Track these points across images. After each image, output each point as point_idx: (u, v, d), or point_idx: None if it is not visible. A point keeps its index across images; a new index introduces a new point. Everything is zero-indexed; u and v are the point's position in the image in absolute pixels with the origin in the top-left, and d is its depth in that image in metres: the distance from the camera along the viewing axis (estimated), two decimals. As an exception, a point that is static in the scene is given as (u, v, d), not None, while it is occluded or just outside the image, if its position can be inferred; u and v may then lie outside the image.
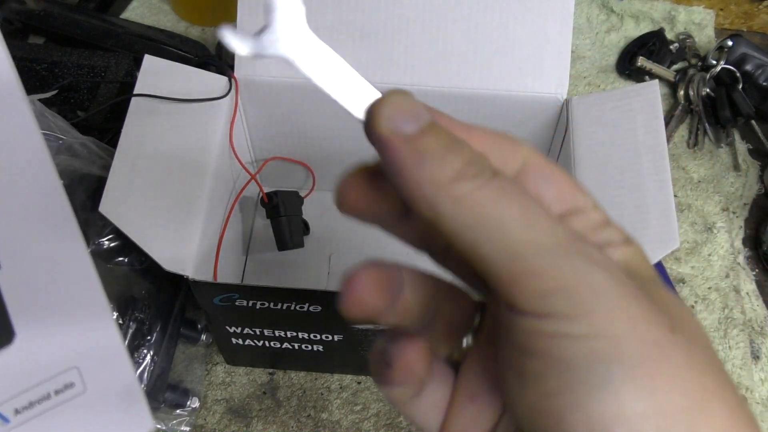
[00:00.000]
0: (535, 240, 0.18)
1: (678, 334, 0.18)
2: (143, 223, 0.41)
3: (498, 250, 0.18)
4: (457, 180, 0.18)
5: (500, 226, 0.18)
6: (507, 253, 0.18)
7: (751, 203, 0.63)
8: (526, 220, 0.18)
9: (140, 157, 0.43)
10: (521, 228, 0.18)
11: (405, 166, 0.18)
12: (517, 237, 0.18)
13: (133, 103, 0.45)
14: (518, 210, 0.18)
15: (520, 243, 0.18)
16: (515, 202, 0.18)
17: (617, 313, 0.17)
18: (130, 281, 0.47)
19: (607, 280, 0.18)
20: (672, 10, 0.73)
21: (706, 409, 0.17)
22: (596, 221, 0.21)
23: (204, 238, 0.43)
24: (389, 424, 0.51)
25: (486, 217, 0.18)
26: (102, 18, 0.67)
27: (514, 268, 0.18)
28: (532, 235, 0.18)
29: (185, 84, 0.46)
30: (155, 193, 0.42)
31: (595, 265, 0.18)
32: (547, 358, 0.18)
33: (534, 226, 0.18)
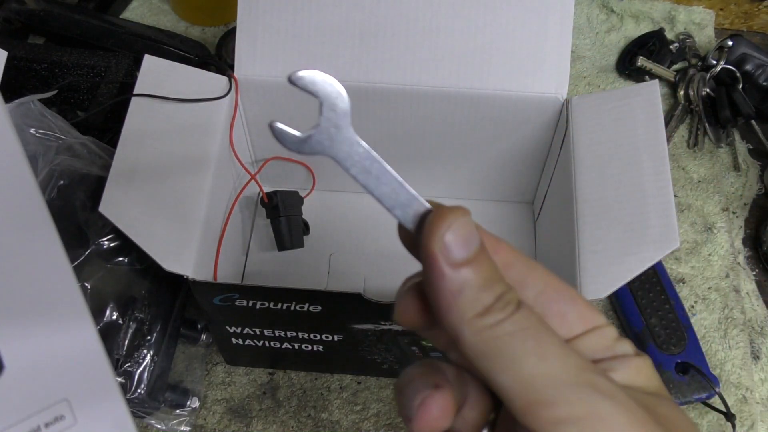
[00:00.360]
0: (548, 372, 0.19)
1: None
2: (143, 223, 0.41)
3: (513, 380, 0.20)
4: (483, 315, 0.20)
5: (516, 358, 0.20)
6: (521, 383, 0.19)
7: (751, 203, 0.63)
8: (541, 353, 0.20)
9: (140, 157, 0.43)
10: (535, 360, 0.20)
11: (441, 290, 0.20)
12: (531, 369, 0.19)
13: (133, 103, 0.45)
14: (533, 343, 0.20)
15: (533, 375, 0.19)
16: (531, 334, 0.20)
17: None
18: (130, 281, 0.47)
19: (615, 409, 0.19)
20: (672, 10, 0.73)
21: None
22: (613, 336, 0.23)
23: (204, 238, 0.43)
24: (389, 424, 0.51)
25: (503, 349, 0.20)
26: (102, 18, 0.67)
27: (528, 397, 0.19)
28: (545, 368, 0.20)
29: (185, 84, 0.46)
30: (155, 193, 0.42)
31: (604, 395, 0.19)
32: None
33: (547, 358, 0.20)
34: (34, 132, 0.47)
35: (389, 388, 0.52)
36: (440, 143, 0.53)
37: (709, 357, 0.54)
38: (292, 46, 0.48)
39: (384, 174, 0.21)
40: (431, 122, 0.51)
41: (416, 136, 0.52)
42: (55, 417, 0.22)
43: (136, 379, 0.46)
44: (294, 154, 0.22)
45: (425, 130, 0.51)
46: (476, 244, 0.21)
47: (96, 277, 0.46)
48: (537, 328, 0.20)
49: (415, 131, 0.52)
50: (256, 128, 0.53)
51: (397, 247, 0.23)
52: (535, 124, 0.50)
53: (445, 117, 0.50)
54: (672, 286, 0.56)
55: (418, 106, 0.50)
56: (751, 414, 0.52)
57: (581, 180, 0.44)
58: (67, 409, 0.22)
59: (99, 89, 0.59)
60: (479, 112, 0.50)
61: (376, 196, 0.21)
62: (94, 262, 0.46)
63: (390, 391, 0.52)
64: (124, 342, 0.46)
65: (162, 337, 0.48)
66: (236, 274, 0.55)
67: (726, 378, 0.54)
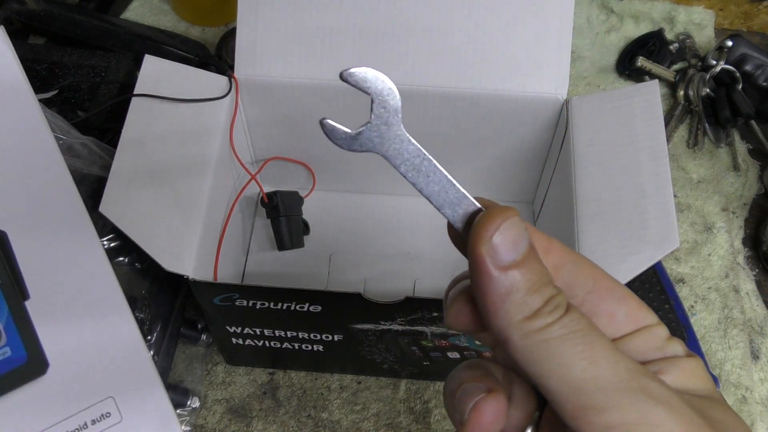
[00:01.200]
0: (598, 377, 0.19)
1: None
2: (143, 223, 0.41)
3: (562, 385, 0.19)
4: (531, 318, 0.20)
5: (565, 362, 0.19)
6: (571, 388, 0.19)
7: (751, 203, 0.63)
8: (591, 357, 0.19)
9: (140, 157, 0.43)
10: (585, 364, 0.19)
11: (489, 293, 0.20)
12: (582, 374, 0.19)
13: (133, 103, 0.45)
14: (583, 346, 0.19)
15: (584, 380, 0.19)
16: (581, 338, 0.20)
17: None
18: (130, 281, 0.47)
19: (669, 415, 0.19)
20: (672, 11, 0.73)
21: None
22: (663, 336, 0.22)
23: (204, 238, 0.43)
24: (389, 424, 0.51)
25: (552, 353, 0.19)
26: (102, 18, 0.67)
27: (578, 402, 0.19)
28: (596, 372, 0.19)
29: (185, 84, 0.46)
30: (155, 193, 0.42)
31: (657, 400, 0.19)
32: None
33: (598, 362, 0.19)
34: (35, 132, 0.47)
35: (389, 388, 0.52)
36: (440, 143, 0.53)
37: (709, 357, 0.54)
38: (292, 46, 0.48)
39: (434, 172, 0.21)
40: (431, 122, 0.51)
41: (416, 136, 0.52)
42: (102, 414, 0.22)
43: (136, 378, 0.46)
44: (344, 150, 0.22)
45: (425, 130, 0.51)
46: (525, 246, 0.20)
47: (96, 277, 0.46)
48: (587, 331, 0.20)
49: (415, 131, 0.52)
50: (256, 128, 0.53)
51: (397, 248, 0.23)
52: (535, 124, 0.50)
53: (445, 117, 0.50)
54: (672, 286, 0.56)
55: (418, 106, 0.50)
56: (750, 414, 0.52)
57: (581, 180, 0.44)
58: (113, 407, 0.22)
59: (99, 89, 0.59)
60: (479, 112, 0.50)
61: (426, 195, 0.21)
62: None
63: (390, 391, 0.52)
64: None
65: (162, 337, 0.48)
66: (236, 274, 0.55)
67: (726, 378, 0.54)
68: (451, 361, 0.48)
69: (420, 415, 0.51)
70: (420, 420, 0.51)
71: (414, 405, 0.52)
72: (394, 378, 0.53)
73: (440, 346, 0.46)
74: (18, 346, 0.21)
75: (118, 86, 0.59)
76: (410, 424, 0.51)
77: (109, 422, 0.22)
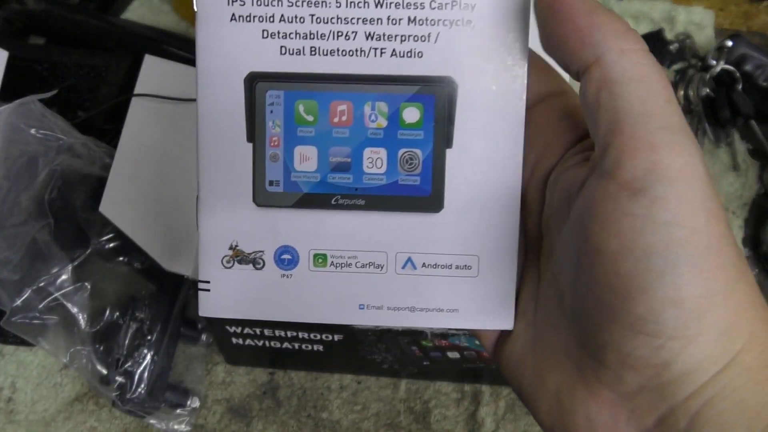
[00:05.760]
0: (670, 116, 0.20)
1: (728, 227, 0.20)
2: (143, 223, 0.41)
3: (636, 108, 0.20)
4: (625, 34, 0.20)
5: (650, 89, 0.20)
6: (643, 116, 0.20)
7: (751, 203, 0.63)
8: (668, 97, 0.20)
9: (140, 157, 0.43)
10: (664, 99, 0.20)
11: (578, 11, 0.20)
12: (658, 106, 0.20)
13: (133, 103, 0.45)
14: (663, 83, 0.20)
15: (658, 114, 0.20)
16: (662, 75, 0.20)
17: (700, 206, 0.19)
18: (130, 281, 0.47)
19: (700, 172, 0.19)
20: (672, 11, 0.73)
21: (736, 290, 0.20)
22: None
23: (204, 238, 0.43)
24: (389, 424, 0.51)
25: (643, 76, 0.20)
26: (102, 18, 0.67)
27: (639, 134, 0.19)
28: (669, 110, 0.20)
29: (185, 84, 0.47)
30: (155, 193, 0.42)
31: (700, 157, 0.20)
32: (629, 240, 0.19)
33: (672, 102, 0.20)
34: (35, 132, 0.47)
35: (389, 388, 0.52)
36: (440, 143, 0.53)
37: (709, 357, 0.54)
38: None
39: None
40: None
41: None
42: (465, 265, 0.26)
43: (136, 378, 0.46)
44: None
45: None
46: None
47: (96, 277, 0.46)
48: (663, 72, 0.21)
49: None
50: (256, 128, 0.53)
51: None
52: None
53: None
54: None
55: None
56: (750, 414, 0.52)
57: (581, 180, 0.44)
58: (475, 263, 0.26)
59: (99, 89, 0.59)
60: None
61: None
62: (94, 262, 0.46)
63: (390, 391, 0.52)
64: (124, 342, 0.46)
65: (162, 336, 0.48)
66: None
67: (726, 378, 0.54)
68: (451, 361, 0.48)
69: (420, 415, 0.51)
70: (420, 420, 0.51)
71: (414, 405, 0.52)
72: (394, 378, 0.53)
73: (440, 346, 0.47)
74: (427, 181, 0.25)
75: (118, 86, 0.59)
76: (410, 424, 0.51)
77: (468, 273, 0.26)
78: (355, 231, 0.26)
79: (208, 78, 0.25)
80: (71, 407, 0.51)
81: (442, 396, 0.52)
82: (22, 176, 0.46)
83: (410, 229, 0.26)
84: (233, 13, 0.24)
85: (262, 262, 0.26)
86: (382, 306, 0.26)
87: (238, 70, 0.25)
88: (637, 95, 0.20)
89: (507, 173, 0.25)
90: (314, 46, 0.25)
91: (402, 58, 0.25)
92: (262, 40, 0.25)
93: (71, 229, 0.47)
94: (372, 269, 0.26)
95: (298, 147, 0.25)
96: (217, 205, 0.26)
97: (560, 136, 0.24)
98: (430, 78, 0.25)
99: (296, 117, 0.25)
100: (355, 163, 0.25)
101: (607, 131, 0.20)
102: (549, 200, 0.24)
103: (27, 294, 0.46)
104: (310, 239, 0.26)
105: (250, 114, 0.25)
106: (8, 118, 0.46)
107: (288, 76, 0.25)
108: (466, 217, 0.25)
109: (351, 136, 0.25)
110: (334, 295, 0.26)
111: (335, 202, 0.26)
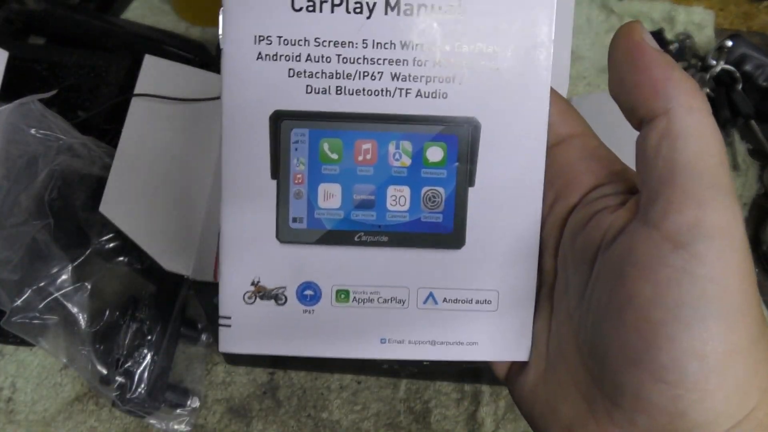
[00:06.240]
0: (721, 176, 0.21)
1: (757, 288, 0.21)
2: (143, 223, 0.41)
3: (692, 164, 0.21)
4: (694, 93, 0.21)
5: (707, 148, 0.21)
6: (696, 172, 0.20)
7: (751, 203, 0.63)
8: (722, 158, 0.21)
9: (140, 157, 0.43)
10: (719, 159, 0.21)
11: (657, 64, 0.22)
12: (712, 165, 0.21)
13: (133, 103, 0.45)
14: (720, 145, 0.21)
15: (710, 172, 0.20)
16: (720, 137, 0.21)
17: (735, 266, 0.20)
18: (130, 281, 0.47)
19: (740, 233, 0.20)
20: (672, 11, 0.73)
21: (757, 348, 0.20)
22: None
23: (204, 238, 0.43)
24: (389, 424, 0.51)
25: (704, 135, 0.21)
26: (102, 18, 0.67)
27: (689, 188, 0.20)
28: (721, 170, 0.21)
29: (185, 84, 0.47)
30: (155, 193, 0.42)
31: (740, 218, 0.20)
32: (664, 289, 0.20)
33: (724, 164, 0.21)
34: (35, 132, 0.47)
35: (389, 388, 0.52)
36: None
37: (709, 357, 0.54)
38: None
39: None
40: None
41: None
42: (486, 300, 0.26)
43: (136, 379, 0.46)
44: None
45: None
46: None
47: (96, 277, 0.46)
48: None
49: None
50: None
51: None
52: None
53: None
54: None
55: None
56: (750, 414, 0.52)
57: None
58: (495, 298, 0.26)
59: (99, 89, 0.59)
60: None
61: None
62: (94, 262, 0.46)
63: (390, 391, 0.52)
64: (124, 342, 0.46)
65: (162, 336, 0.48)
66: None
67: (726, 378, 0.54)
68: (451, 361, 0.48)
69: (420, 415, 0.51)
70: (420, 420, 0.51)
71: (414, 405, 0.52)
72: (394, 378, 0.53)
73: (440, 346, 0.46)
74: (449, 218, 0.26)
75: (118, 86, 0.59)
76: (410, 424, 0.51)
77: (488, 308, 0.26)
78: (378, 267, 0.26)
79: (234, 115, 0.25)
80: (71, 407, 0.51)
81: (442, 396, 0.52)
82: (22, 176, 0.46)
83: (432, 265, 0.26)
84: (260, 51, 0.25)
85: (285, 297, 0.26)
86: (404, 340, 0.27)
87: (263, 108, 0.25)
88: (695, 152, 0.21)
89: (527, 211, 0.26)
90: (340, 86, 0.25)
91: (427, 98, 0.25)
92: (288, 78, 0.25)
93: (71, 229, 0.47)
94: (394, 304, 0.26)
95: (323, 184, 0.26)
96: (240, 241, 0.26)
97: (580, 176, 0.25)
98: (454, 118, 0.25)
99: (321, 155, 0.26)
100: (378, 201, 0.26)
101: (659, 181, 0.21)
102: (568, 239, 0.24)
103: (27, 294, 0.46)
104: (333, 275, 0.26)
105: (274, 151, 0.25)
106: (8, 118, 0.46)
107: (313, 115, 0.25)
108: (487, 253, 0.26)
109: (375, 174, 0.26)
110: (356, 330, 0.27)
111: (358, 239, 0.26)
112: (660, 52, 0.22)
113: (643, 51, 0.22)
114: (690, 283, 0.20)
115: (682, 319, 0.19)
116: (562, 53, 0.48)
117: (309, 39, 0.25)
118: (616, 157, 0.26)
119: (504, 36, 0.26)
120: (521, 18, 0.26)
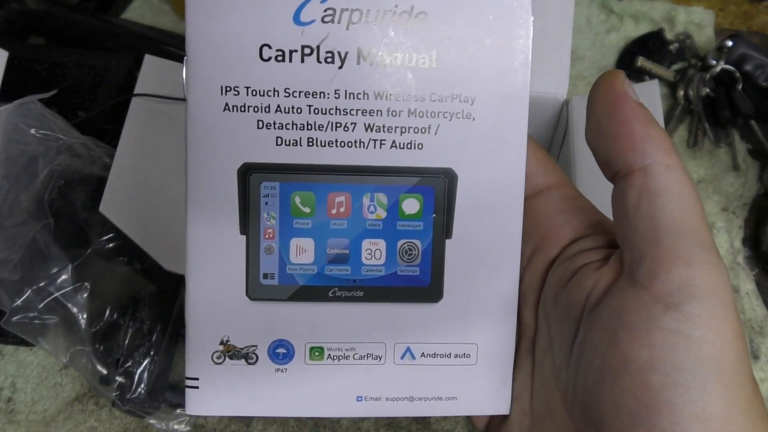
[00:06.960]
0: (704, 235, 0.21)
1: (745, 342, 0.21)
2: (143, 223, 0.41)
3: (676, 224, 0.20)
4: (670, 151, 0.21)
5: (688, 206, 0.21)
6: (681, 232, 0.20)
7: (751, 203, 0.63)
8: (702, 215, 0.21)
9: (140, 157, 0.43)
10: (700, 217, 0.21)
11: (637, 118, 0.21)
12: (695, 223, 0.20)
13: (133, 103, 0.45)
14: (698, 202, 0.21)
15: (694, 231, 0.20)
16: (697, 194, 0.21)
17: (728, 324, 0.20)
18: (130, 281, 0.47)
19: (728, 291, 0.20)
20: (672, 11, 0.73)
21: (753, 408, 0.20)
22: None
23: (204, 238, 0.43)
24: (389, 423, 0.51)
25: (683, 193, 0.21)
26: (102, 18, 0.67)
27: (677, 249, 0.20)
28: (704, 228, 0.21)
29: (185, 84, 0.47)
30: (155, 193, 0.42)
31: (727, 275, 0.20)
32: (660, 353, 0.20)
33: (704, 221, 0.21)
34: (35, 132, 0.47)
35: (389, 387, 0.52)
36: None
37: (709, 357, 0.54)
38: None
39: None
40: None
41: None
42: (464, 353, 0.26)
43: (136, 379, 0.46)
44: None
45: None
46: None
47: (96, 277, 0.46)
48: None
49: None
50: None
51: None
52: (535, 124, 0.50)
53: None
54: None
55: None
56: (750, 414, 0.52)
57: (581, 180, 0.44)
58: (474, 351, 0.26)
59: (99, 89, 0.59)
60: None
61: None
62: (94, 262, 0.46)
63: (390, 391, 0.52)
64: (124, 342, 0.46)
65: (162, 337, 0.48)
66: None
67: (726, 378, 0.54)
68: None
69: (420, 415, 0.51)
70: (420, 420, 0.51)
71: (414, 405, 0.52)
72: (394, 378, 0.52)
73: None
74: (426, 272, 0.25)
75: (118, 86, 0.59)
76: (410, 424, 0.51)
77: (467, 362, 0.26)
78: (353, 323, 0.25)
79: (199, 169, 0.24)
80: (71, 407, 0.51)
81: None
82: (22, 176, 0.46)
83: (409, 319, 0.25)
84: (227, 102, 0.24)
85: (255, 357, 0.25)
86: (380, 397, 0.26)
87: (231, 161, 0.24)
88: (677, 211, 0.21)
89: (505, 263, 0.25)
90: (312, 137, 0.24)
91: (402, 149, 0.24)
92: (257, 130, 0.24)
93: (71, 229, 0.47)
94: (370, 360, 0.26)
95: (295, 239, 0.25)
96: (207, 299, 0.25)
97: (559, 229, 0.25)
98: (430, 169, 0.25)
99: (292, 209, 0.25)
100: (353, 255, 0.25)
101: (644, 240, 0.21)
102: (550, 295, 0.24)
103: (27, 294, 0.46)
104: (306, 332, 0.25)
105: (243, 206, 0.24)
106: (8, 118, 0.46)
107: (284, 168, 0.24)
108: (465, 306, 0.25)
109: (349, 227, 0.25)
110: (331, 389, 0.26)
111: (333, 294, 0.25)
112: (640, 105, 0.22)
113: (624, 102, 0.22)
114: (686, 347, 0.19)
115: (682, 384, 0.19)
116: (562, 53, 0.48)
117: (279, 89, 0.24)
118: (595, 208, 0.26)
119: (480, 84, 0.25)
120: (496, 65, 0.25)
